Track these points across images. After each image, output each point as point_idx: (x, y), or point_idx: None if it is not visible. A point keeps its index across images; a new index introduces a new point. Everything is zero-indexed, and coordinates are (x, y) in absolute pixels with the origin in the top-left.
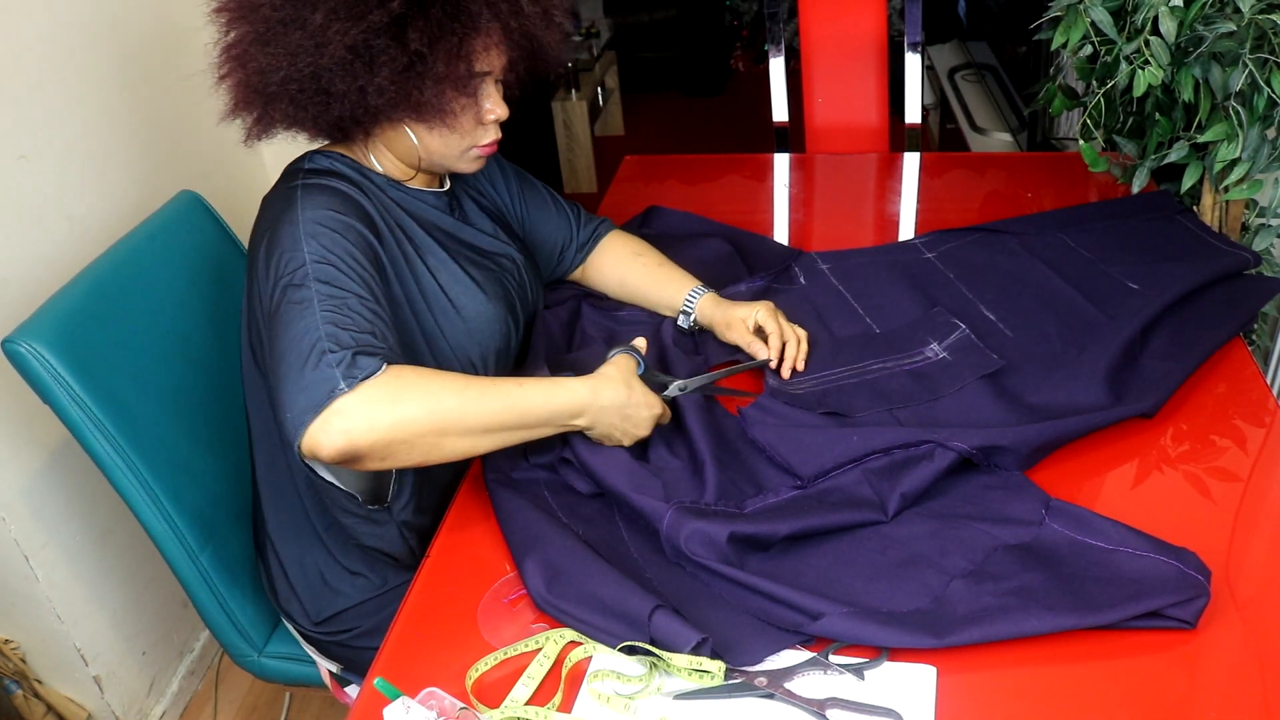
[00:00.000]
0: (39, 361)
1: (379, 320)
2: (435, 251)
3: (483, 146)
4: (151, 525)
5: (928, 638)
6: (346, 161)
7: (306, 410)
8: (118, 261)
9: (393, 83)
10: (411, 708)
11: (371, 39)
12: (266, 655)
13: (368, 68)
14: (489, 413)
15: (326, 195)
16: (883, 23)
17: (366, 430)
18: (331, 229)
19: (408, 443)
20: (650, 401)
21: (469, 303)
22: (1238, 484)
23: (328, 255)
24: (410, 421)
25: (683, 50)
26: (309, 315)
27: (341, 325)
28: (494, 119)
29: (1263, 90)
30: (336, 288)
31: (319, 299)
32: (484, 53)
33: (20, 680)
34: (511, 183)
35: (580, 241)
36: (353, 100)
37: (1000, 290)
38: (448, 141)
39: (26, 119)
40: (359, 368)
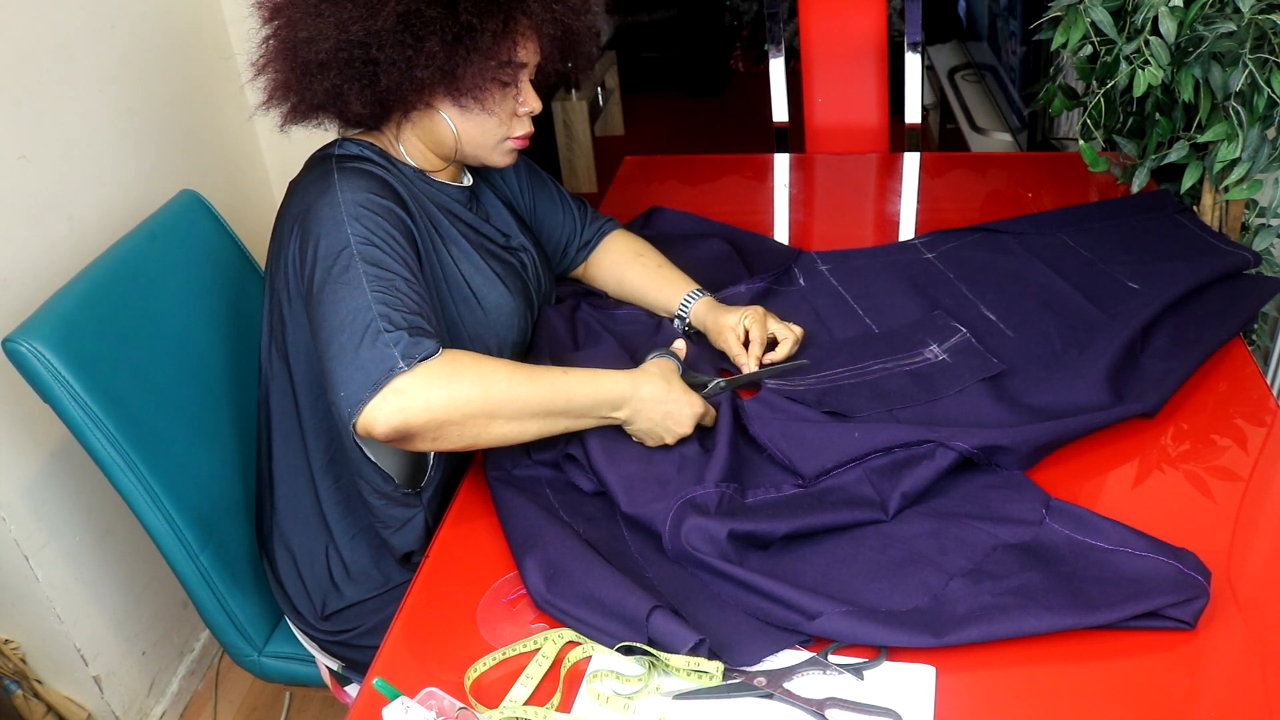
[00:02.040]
0: (39, 361)
1: (424, 302)
2: (459, 242)
3: (517, 139)
4: (152, 524)
5: (927, 637)
6: (375, 150)
7: (364, 388)
8: (118, 261)
9: (441, 54)
10: (411, 708)
11: (423, 7)
12: (266, 655)
13: (416, 37)
14: (537, 398)
15: (365, 178)
16: (883, 23)
17: (422, 409)
18: (373, 211)
19: (459, 424)
20: (691, 400)
21: (490, 294)
22: (1238, 484)
23: (371, 236)
24: (464, 403)
25: (683, 50)
26: (359, 295)
27: (392, 305)
28: (527, 111)
29: (1263, 90)
30: (383, 269)
31: (368, 279)
32: (525, 42)
33: (20, 680)
34: (522, 176)
35: (584, 240)
36: (400, 71)
37: (1000, 290)
38: (485, 129)
39: (26, 119)
40: (416, 348)
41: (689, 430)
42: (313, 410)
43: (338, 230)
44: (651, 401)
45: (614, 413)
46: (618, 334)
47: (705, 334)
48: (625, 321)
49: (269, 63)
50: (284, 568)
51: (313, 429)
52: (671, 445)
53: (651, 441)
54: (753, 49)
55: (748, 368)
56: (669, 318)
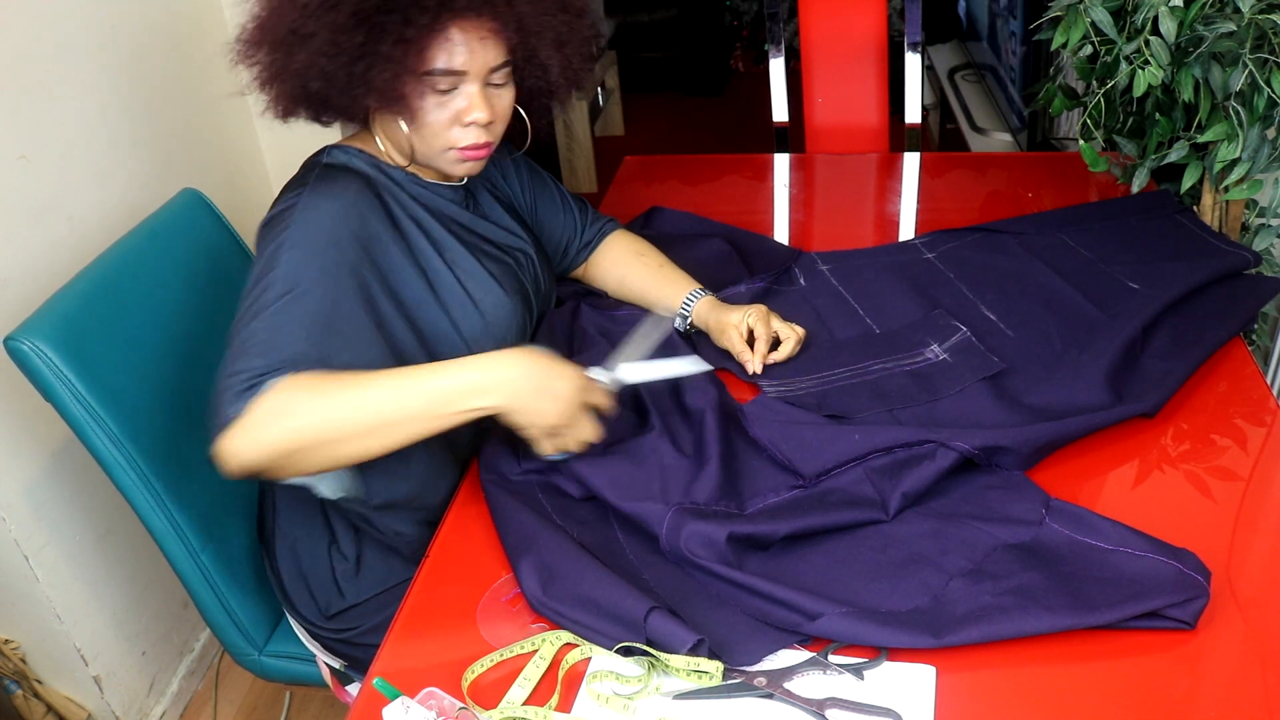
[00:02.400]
0: (41, 359)
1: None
2: (453, 247)
3: (464, 150)
4: (153, 523)
5: (927, 637)
6: (364, 157)
7: (212, 431)
8: (120, 259)
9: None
10: (411, 707)
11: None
12: (267, 654)
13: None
14: (383, 407)
15: (329, 200)
16: (883, 23)
17: (254, 448)
18: (317, 240)
19: (303, 452)
20: (573, 374)
21: (486, 297)
22: (1238, 484)
23: (298, 269)
24: (296, 433)
25: (683, 50)
26: (253, 322)
27: (271, 346)
28: (473, 120)
29: (1263, 90)
30: (287, 303)
31: (264, 309)
32: (460, 47)
33: (20, 680)
34: (523, 176)
35: (585, 240)
36: (334, 91)
37: (1000, 290)
38: (425, 139)
39: (26, 119)
40: (256, 385)
41: (577, 412)
42: None
43: (275, 255)
44: (522, 381)
45: (482, 401)
46: (617, 335)
47: (708, 333)
48: (625, 322)
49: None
50: (286, 567)
51: None
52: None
53: (548, 443)
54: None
55: (753, 365)
56: (671, 317)
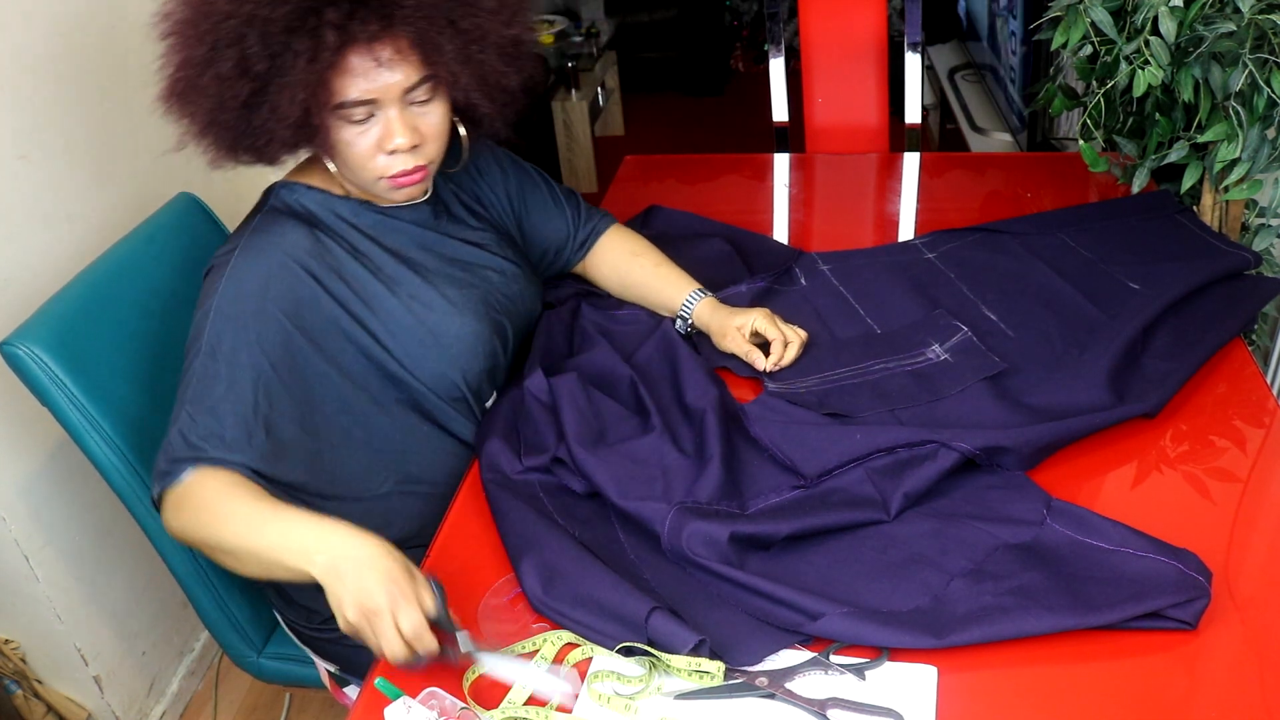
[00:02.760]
0: (36, 364)
1: (234, 414)
2: (407, 280)
3: (394, 178)
4: (150, 527)
5: (928, 638)
6: (314, 195)
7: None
8: (115, 264)
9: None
10: (413, 707)
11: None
12: (266, 656)
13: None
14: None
15: (257, 262)
16: (883, 23)
17: (174, 533)
18: (242, 311)
19: (200, 550)
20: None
21: (448, 327)
22: (1238, 484)
23: (221, 342)
24: (189, 536)
25: (683, 50)
26: (184, 393)
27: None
28: (395, 147)
29: (1263, 90)
30: (209, 382)
31: (193, 383)
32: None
33: (20, 680)
34: (510, 180)
35: (579, 240)
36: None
37: (1001, 290)
38: (351, 171)
39: (26, 119)
40: (172, 473)
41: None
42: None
43: (204, 320)
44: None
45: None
46: (617, 335)
47: (709, 335)
48: (625, 321)
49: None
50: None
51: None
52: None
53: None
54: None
55: (763, 364)
56: (671, 317)
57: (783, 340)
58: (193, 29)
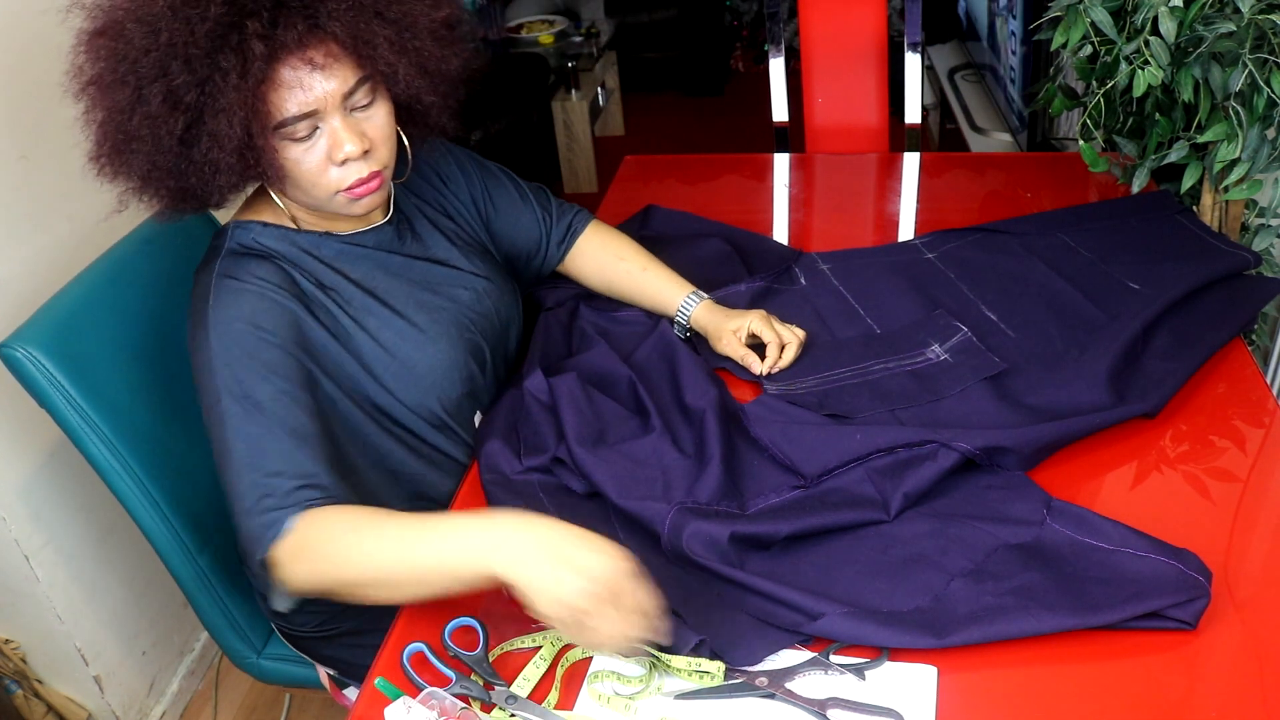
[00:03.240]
0: (35, 366)
1: (299, 448)
2: (375, 312)
3: (350, 190)
4: (150, 528)
5: (928, 638)
6: (270, 232)
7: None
8: (113, 266)
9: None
10: (413, 708)
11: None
12: (265, 657)
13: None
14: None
15: (237, 303)
16: (883, 23)
17: (298, 587)
18: (243, 350)
19: (335, 593)
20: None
21: (420, 358)
22: (1238, 484)
23: (239, 385)
24: (313, 583)
25: (683, 50)
26: (232, 453)
27: (258, 469)
28: (345, 156)
29: (1263, 90)
30: (249, 426)
31: (237, 437)
32: (295, 89)
33: (20, 680)
34: (474, 182)
35: (557, 238)
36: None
37: (1001, 290)
38: (305, 191)
39: (26, 120)
40: (271, 528)
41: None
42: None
43: (211, 378)
44: (532, 543)
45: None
46: (615, 335)
47: (706, 337)
48: (624, 322)
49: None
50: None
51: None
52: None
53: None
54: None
55: (760, 368)
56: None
57: (778, 343)
58: (112, 75)
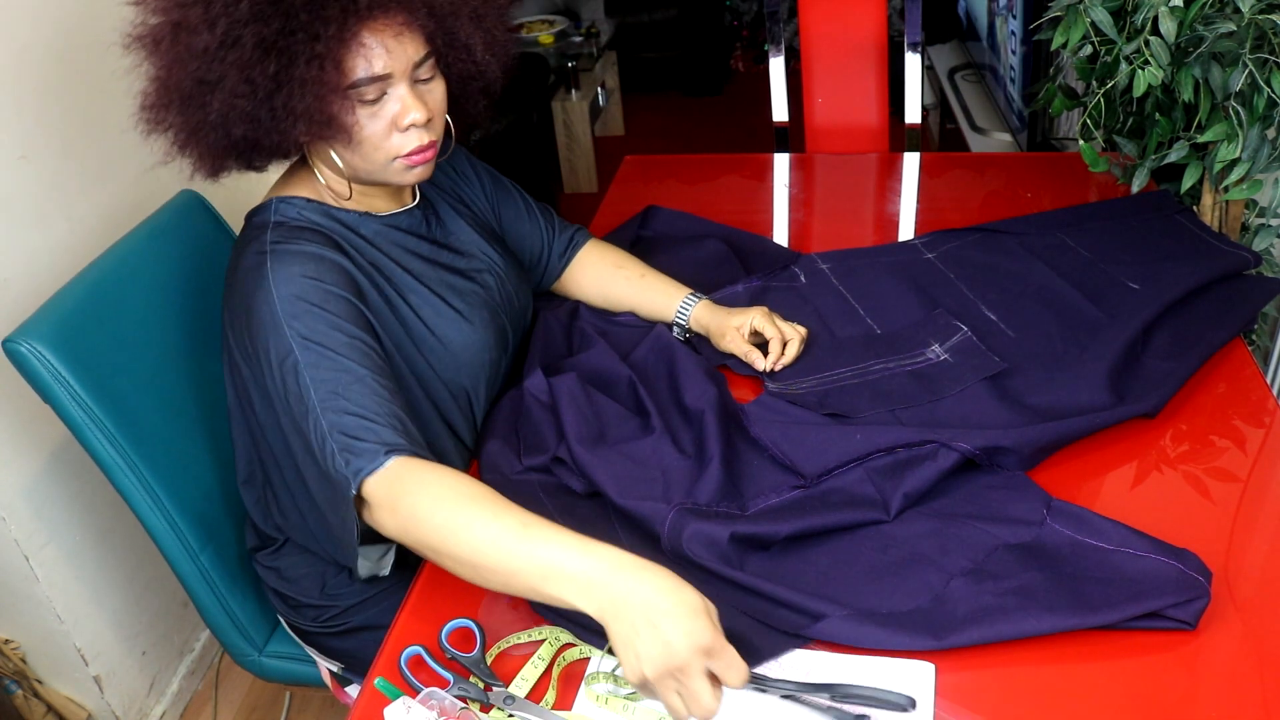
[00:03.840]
0: (39, 361)
1: (377, 396)
2: (415, 289)
3: (409, 156)
4: (152, 525)
5: (927, 639)
6: (313, 207)
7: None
8: (118, 261)
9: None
10: (412, 708)
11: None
12: (267, 654)
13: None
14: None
15: (299, 262)
16: (883, 23)
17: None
18: (311, 303)
19: (416, 549)
20: (702, 628)
21: (455, 336)
22: (1238, 484)
23: (312, 334)
24: (406, 534)
25: (683, 50)
26: (311, 398)
27: (342, 410)
28: (410, 123)
29: (1263, 90)
30: (325, 371)
31: (313, 386)
32: (378, 49)
33: (20, 680)
34: (486, 185)
35: (558, 250)
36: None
37: (1001, 290)
38: (365, 156)
39: (27, 119)
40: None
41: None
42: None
43: (279, 334)
44: (635, 603)
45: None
46: (614, 336)
47: (708, 336)
48: (622, 324)
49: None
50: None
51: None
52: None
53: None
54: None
55: (764, 364)
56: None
57: (780, 339)
58: (200, 18)
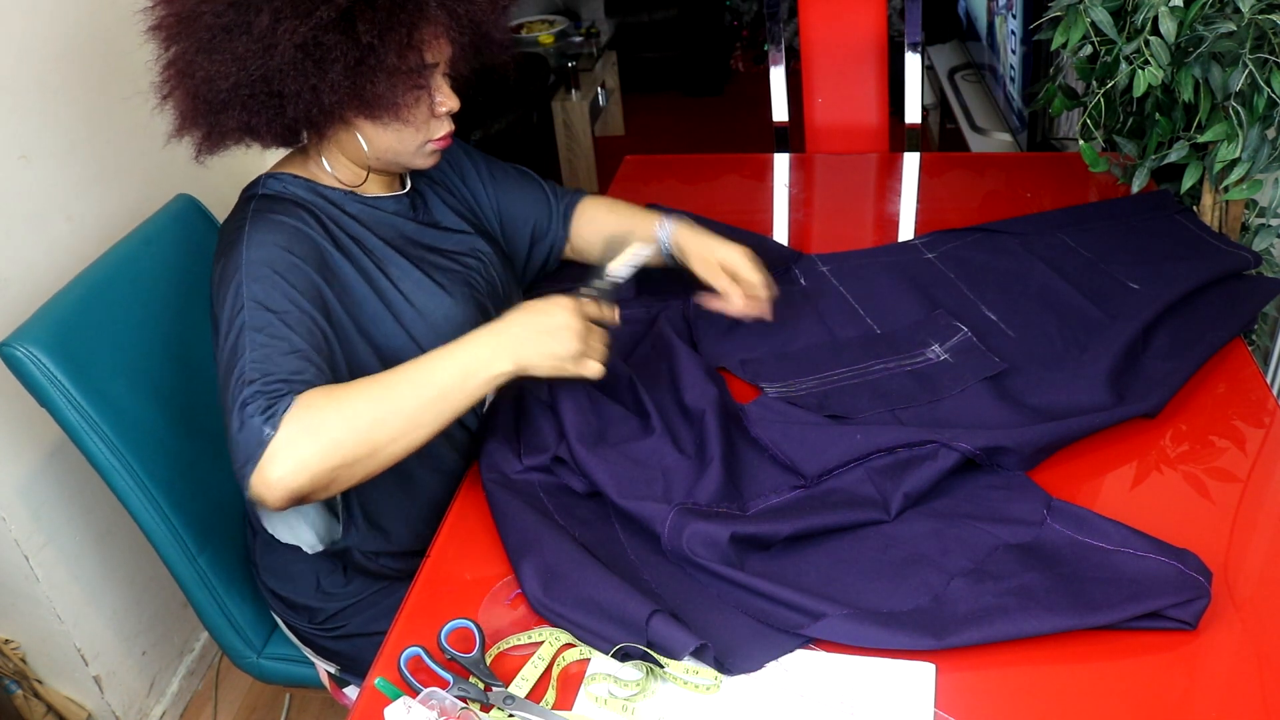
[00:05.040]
0: (35, 365)
1: (308, 365)
2: (396, 261)
3: (437, 140)
4: (149, 528)
5: (928, 639)
6: (300, 183)
7: (245, 465)
8: (114, 265)
9: (345, 78)
10: (413, 708)
11: (321, 35)
12: (265, 656)
13: (319, 65)
14: (407, 404)
15: (273, 231)
16: (883, 23)
17: (298, 470)
18: (273, 269)
19: (347, 466)
20: (562, 302)
21: (435, 308)
22: (1238, 484)
23: (265, 298)
24: (336, 446)
25: (683, 50)
26: (238, 366)
27: (265, 372)
28: (446, 111)
29: (1263, 90)
30: (267, 334)
31: (250, 348)
32: (433, 41)
33: (20, 680)
34: (481, 169)
35: (561, 211)
36: (306, 100)
37: (1001, 290)
38: (402, 137)
39: (26, 119)
40: (274, 410)
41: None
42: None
43: (236, 290)
44: (522, 336)
45: (496, 368)
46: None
47: (686, 259)
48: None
49: (172, 92)
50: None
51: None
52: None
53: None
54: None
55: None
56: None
57: (742, 293)
58: None
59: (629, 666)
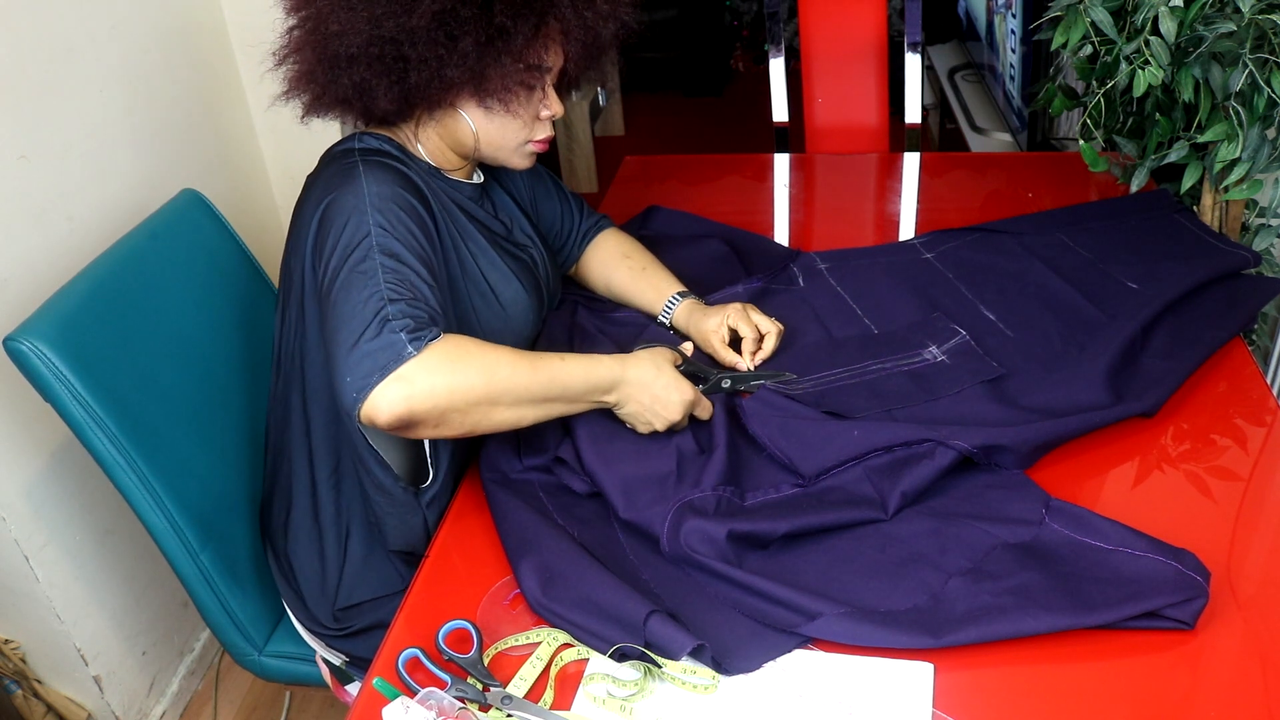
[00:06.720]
0: (40, 359)
1: (436, 297)
2: (476, 239)
3: (537, 142)
4: (152, 524)
5: (925, 638)
6: (394, 144)
7: (371, 374)
8: (119, 260)
9: (472, 55)
10: (411, 707)
11: (459, 7)
12: (267, 654)
13: (450, 37)
14: (537, 385)
15: (389, 172)
16: (883, 23)
17: (427, 395)
18: (397, 205)
19: (461, 410)
20: (681, 386)
21: (506, 290)
22: (1238, 484)
23: (392, 229)
24: (467, 389)
25: (683, 50)
26: (373, 284)
27: (404, 297)
28: (550, 115)
29: (1263, 90)
30: (400, 262)
31: (383, 270)
32: (553, 45)
33: (20, 680)
34: (523, 173)
35: (582, 232)
36: (430, 69)
37: (1000, 290)
38: (506, 131)
39: (26, 119)
40: (421, 335)
41: (678, 417)
42: (329, 408)
43: (360, 219)
44: (639, 385)
45: (604, 397)
46: (612, 336)
47: (690, 338)
48: (620, 323)
49: (293, 53)
50: (294, 564)
51: (325, 427)
52: (663, 434)
53: (642, 427)
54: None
55: (744, 365)
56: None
57: (754, 337)
58: None
59: (627, 666)
